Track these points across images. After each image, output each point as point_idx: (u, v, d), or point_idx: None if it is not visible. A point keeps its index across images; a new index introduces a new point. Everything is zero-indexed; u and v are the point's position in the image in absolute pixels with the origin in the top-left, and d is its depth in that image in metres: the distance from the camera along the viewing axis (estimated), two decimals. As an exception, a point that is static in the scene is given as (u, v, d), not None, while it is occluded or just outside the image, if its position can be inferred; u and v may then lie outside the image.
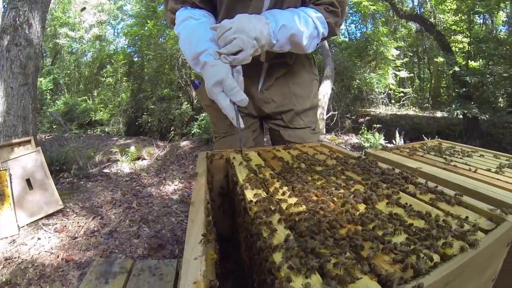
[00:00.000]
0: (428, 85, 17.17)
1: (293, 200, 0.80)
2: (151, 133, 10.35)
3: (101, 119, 12.66)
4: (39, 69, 4.53)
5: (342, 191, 0.86)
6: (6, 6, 4.25)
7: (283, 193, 0.85)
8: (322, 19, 1.34)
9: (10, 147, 3.42)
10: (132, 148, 6.21)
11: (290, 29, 1.24)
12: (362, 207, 0.76)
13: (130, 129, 11.82)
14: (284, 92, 1.57)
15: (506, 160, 1.50)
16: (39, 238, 2.63)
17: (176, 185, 4.15)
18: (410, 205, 0.75)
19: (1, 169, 2.92)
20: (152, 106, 10.62)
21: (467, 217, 0.70)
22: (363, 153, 1.60)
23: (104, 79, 13.16)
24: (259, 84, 1.53)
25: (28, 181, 3.13)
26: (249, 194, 0.85)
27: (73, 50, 21.62)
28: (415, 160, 1.45)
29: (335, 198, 0.80)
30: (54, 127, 12.60)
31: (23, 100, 3.87)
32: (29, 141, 3.55)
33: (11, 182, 2.93)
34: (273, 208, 0.75)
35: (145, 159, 6.51)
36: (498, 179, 1.16)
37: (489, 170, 1.29)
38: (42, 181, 3.20)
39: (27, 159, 3.23)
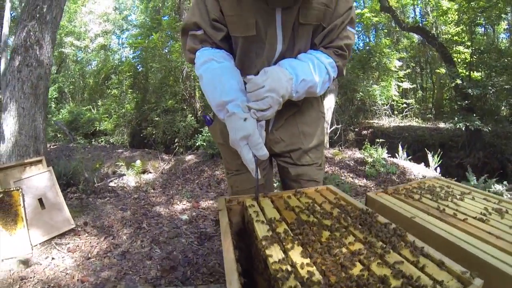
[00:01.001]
0: (431, 96, 17.22)
1: (306, 260, 0.87)
2: (155, 145, 10.44)
3: (106, 129, 12.77)
4: (49, 88, 4.63)
5: (344, 250, 0.93)
6: (17, 25, 4.35)
7: (298, 253, 0.92)
8: (333, 63, 1.42)
9: (22, 167, 3.49)
10: (138, 162, 6.28)
11: (309, 82, 1.33)
12: (359, 268, 0.83)
13: (134, 139, 11.91)
14: (293, 132, 1.62)
15: (495, 203, 1.55)
16: (53, 258, 2.68)
17: (184, 204, 4.21)
18: (398, 267, 0.82)
19: (14, 189, 2.99)
20: (156, 118, 10.71)
21: (442, 280, 0.76)
22: (365, 199, 1.66)
23: (109, 90, 13.29)
24: (269, 125, 1.59)
25: (40, 200, 3.19)
26: (268, 252, 0.92)
27: (78, 59, 21.89)
28: (411, 205, 1.50)
29: (339, 260, 0.88)
30: (59, 135, 12.73)
31: (35, 121, 3.96)
32: (40, 161, 3.62)
33: (23, 202, 2.99)
34: (289, 270, 0.81)
35: (151, 173, 6.58)
36: (482, 229, 1.22)
37: (475, 218, 1.34)
38: (54, 201, 3.26)
39: (39, 179, 3.30)
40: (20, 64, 3.97)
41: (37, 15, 4.13)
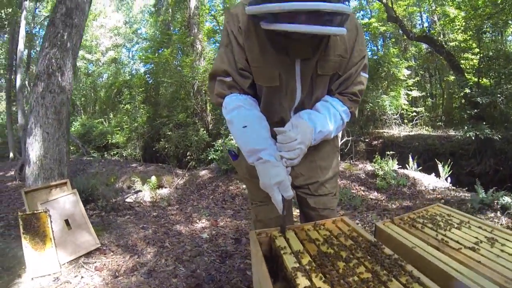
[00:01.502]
0: (441, 103, 17.18)
1: (327, 287, 1.06)
2: (168, 159, 10.61)
3: (118, 142, 12.99)
4: (70, 113, 4.84)
5: (356, 279, 1.10)
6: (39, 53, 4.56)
7: (320, 281, 1.09)
8: (346, 110, 1.58)
9: (48, 189, 3.68)
10: (153, 178, 6.45)
11: (325, 132, 1.49)
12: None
13: (146, 153, 12.09)
14: (311, 166, 1.76)
15: (489, 232, 1.67)
16: (82, 277, 2.82)
17: (203, 222, 4.35)
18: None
19: (42, 210, 3.15)
20: (169, 133, 10.88)
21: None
22: (374, 228, 1.80)
23: (122, 105, 13.53)
24: None
25: (66, 221, 3.35)
26: (297, 280, 1.09)
27: (89, 72, 22.33)
28: (414, 235, 1.64)
29: (352, 287, 1.05)
30: (72, 148, 12.98)
31: (59, 145, 4.16)
32: (65, 183, 3.81)
33: (51, 223, 3.15)
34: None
35: (165, 188, 6.74)
36: (472, 259, 1.38)
37: (468, 247, 1.48)
38: (79, 221, 3.42)
39: (64, 201, 3.47)
40: (44, 90, 4.19)
41: (58, 43, 4.36)
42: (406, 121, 14.40)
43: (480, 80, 10.46)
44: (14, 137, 12.77)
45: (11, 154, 11.99)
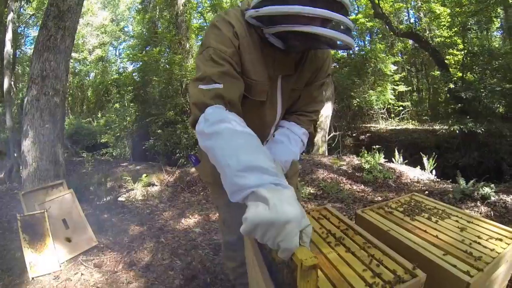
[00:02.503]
0: (427, 97, 17.50)
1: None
2: (157, 157, 10.65)
3: (107, 141, 12.95)
4: (65, 114, 4.91)
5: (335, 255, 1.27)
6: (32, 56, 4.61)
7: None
8: (306, 132, 1.60)
9: (45, 190, 3.77)
10: (144, 176, 6.55)
11: (290, 158, 1.52)
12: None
13: (136, 151, 12.08)
14: None
15: (454, 216, 1.89)
16: (82, 274, 2.92)
17: (196, 218, 4.47)
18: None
19: (40, 211, 3.25)
20: (158, 131, 10.92)
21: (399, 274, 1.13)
22: (355, 215, 1.96)
23: (111, 104, 13.49)
24: None
25: (64, 221, 3.45)
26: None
27: (76, 71, 22.14)
28: (389, 220, 1.83)
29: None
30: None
31: (54, 147, 4.25)
32: (61, 184, 3.91)
33: (49, 223, 3.25)
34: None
35: (156, 185, 6.83)
36: (437, 238, 1.61)
37: (433, 228, 1.71)
38: (77, 220, 3.52)
39: (61, 200, 3.57)
40: (38, 93, 4.26)
41: (51, 46, 4.42)
42: (393, 115, 14.67)
43: (464, 76, 10.74)
44: (1, 139, 12.65)
45: (-4, 156, 11.86)
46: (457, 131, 9.57)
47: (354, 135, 11.67)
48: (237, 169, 0.96)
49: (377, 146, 7.39)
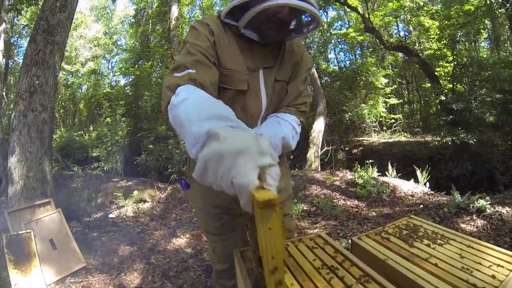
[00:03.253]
0: (418, 109, 17.65)
1: None
2: (149, 172, 10.52)
3: (98, 156, 12.80)
4: (53, 131, 4.82)
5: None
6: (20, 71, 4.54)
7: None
8: (297, 120, 1.53)
9: (31, 209, 3.67)
10: (135, 193, 6.44)
11: (280, 136, 1.41)
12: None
13: (127, 166, 11.93)
14: None
15: (458, 242, 1.82)
16: (68, 298, 2.84)
17: (187, 237, 4.37)
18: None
19: (26, 231, 3.14)
20: (150, 146, 10.82)
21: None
22: (350, 242, 1.89)
23: (102, 118, 13.39)
24: None
25: (51, 241, 3.35)
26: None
27: (68, 83, 22.03)
28: (386, 247, 1.75)
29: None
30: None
31: (42, 164, 4.15)
32: (49, 202, 3.80)
33: (35, 243, 3.14)
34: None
35: (147, 202, 6.72)
36: (440, 268, 1.52)
37: (435, 257, 1.61)
38: (64, 241, 3.42)
39: (48, 220, 3.47)
40: (26, 109, 4.18)
41: (40, 60, 4.36)
42: (385, 128, 14.72)
43: (454, 87, 10.85)
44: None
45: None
46: (450, 143, 9.61)
47: (346, 149, 11.66)
48: (196, 120, 0.92)
49: (370, 161, 7.37)
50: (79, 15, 23.23)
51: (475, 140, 9.23)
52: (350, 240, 2.03)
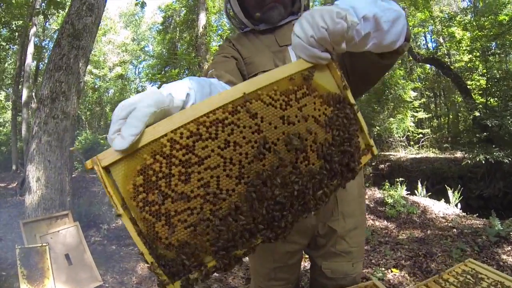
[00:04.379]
0: (446, 123, 17.07)
1: None
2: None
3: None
4: (75, 139, 4.74)
5: None
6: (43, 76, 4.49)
7: None
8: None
9: (48, 221, 3.53)
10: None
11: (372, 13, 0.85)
12: None
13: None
14: (326, 210, 1.43)
15: None
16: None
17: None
18: None
19: (41, 244, 3.01)
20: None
21: None
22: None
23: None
24: None
25: (67, 256, 3.21)
26: None
27: (96, 87, 22.47)
28: None
29: None
30: (75, 164, 12.88)
31: (61, 174, 4.02)
32: (66, 215, 3.66)
33: (50, 257, 3.01)
34: None
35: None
36: None
37: None
38: (80, 257, 3.27)
39: (65, 234, 3.33)
40: (47, 116, 4.07)
41: (64, 66, 4.25)
42: (412, 143, 14.25)
43: (488, 101, 10.37)
44: (17, 148, 12.73)
45: (14, 166, 11.92)
46: (483, 161, 9.13)
47: (373, 164, 11.24)
48: None
49: (400, 179, 7.04)
50: (109, 21, 23.74)
51: (510, 159, 8.72)
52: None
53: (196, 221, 0.70)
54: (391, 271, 3.53)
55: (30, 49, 11.63)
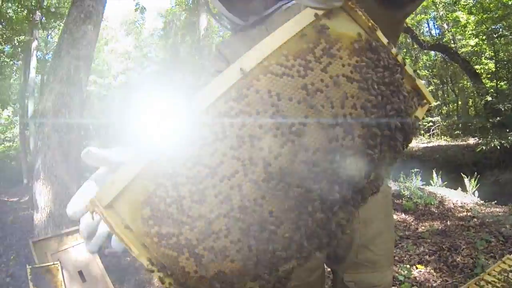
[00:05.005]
0: (455, 109, 16.82)
1: None
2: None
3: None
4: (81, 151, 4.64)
5: None
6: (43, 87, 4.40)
7: None
8: None
9: (58, 238, 3.42)
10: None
11: None
12: None
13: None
14: None
15: None
16: None
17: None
18: None
19: (52, 263, 2.93)
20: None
21: None
22: None
23: (136, 130, 13.54)
24: None
25: (80, 273, 3.11)
26: None
27: (102, 97, 22.53)
28: None
29: None
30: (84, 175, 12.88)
31: (68, 189, 3.90)
32: (77, 231, 3.56)
33: (63, 276, 2.93)
34: None
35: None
36: None
37: None
38: (95, 273, 3.17)
39: (77, 250, 3.23)
40: (49, 130, 3.95)
41: (64, 77, 4.11)
42: (422, 132, 14.06)
43: (498, 85, 10.18)
44: (28, 162, 12.77)
45: (25, 180, 11.94)
46: (498, 146, 8.93)
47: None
48: None
49: (415, 170, 6.87)
50: (110, 30, 23.80)
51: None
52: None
53: (226, 245, 0.55)
54: (416, 268, 3.39)
55: (33, 63, 11.67)
